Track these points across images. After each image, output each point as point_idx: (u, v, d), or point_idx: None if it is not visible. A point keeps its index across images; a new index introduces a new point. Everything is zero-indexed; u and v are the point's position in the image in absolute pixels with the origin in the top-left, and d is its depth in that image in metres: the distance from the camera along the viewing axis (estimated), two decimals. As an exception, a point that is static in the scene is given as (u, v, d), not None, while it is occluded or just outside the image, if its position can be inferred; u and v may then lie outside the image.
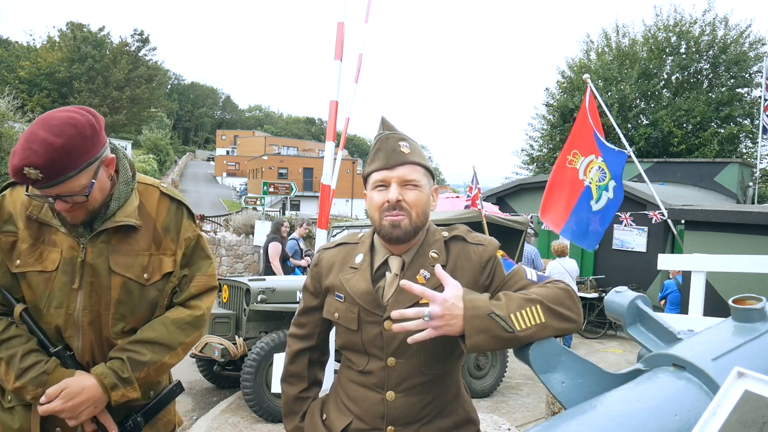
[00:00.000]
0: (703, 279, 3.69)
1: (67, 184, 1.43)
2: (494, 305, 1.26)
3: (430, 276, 1.46)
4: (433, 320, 1.24)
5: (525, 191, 12.54)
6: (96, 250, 1.56)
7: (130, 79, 30.36)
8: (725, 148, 16.23)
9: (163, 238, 1.66)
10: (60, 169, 1.39)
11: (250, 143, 64.54)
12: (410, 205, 1.44)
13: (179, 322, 1.65)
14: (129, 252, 1.60)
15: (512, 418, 5.35)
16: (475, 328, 1.23)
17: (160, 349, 1.61)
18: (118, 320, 1.59)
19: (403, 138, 1.51)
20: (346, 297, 1.51)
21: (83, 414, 1.52)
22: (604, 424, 0.80)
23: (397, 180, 1.45)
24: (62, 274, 1.54)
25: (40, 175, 1.37)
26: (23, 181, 1.42)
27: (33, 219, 1.56)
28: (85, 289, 1.55)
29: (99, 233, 1.56)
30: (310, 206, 34.42)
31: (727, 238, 5.56)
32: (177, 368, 1.77)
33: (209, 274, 1.75)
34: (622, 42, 18.52)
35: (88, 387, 1.52)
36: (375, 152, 1.51)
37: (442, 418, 1.49)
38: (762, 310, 0.97)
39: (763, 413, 0.66)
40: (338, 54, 3.11)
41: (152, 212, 1.67)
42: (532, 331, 1.23)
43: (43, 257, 1.54)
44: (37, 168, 1.36)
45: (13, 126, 11.62)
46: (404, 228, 1.43)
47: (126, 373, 1.55)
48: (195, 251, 1.73)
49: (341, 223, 8.28)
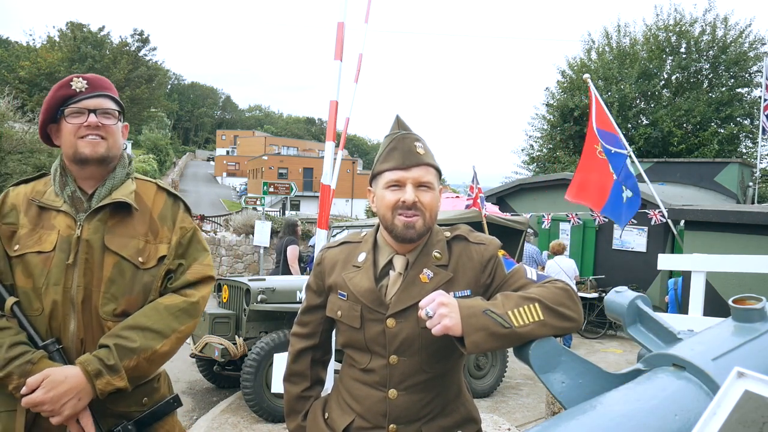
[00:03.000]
0: (703, 279, 3.69)
1: (105, 101, 1.64)
2: (490, 304, 1.28)
3: (433, 275, 1.47)
4: (435, 313, 1.25)
5: (525, 191, 12.54)
6: (92, 227, 1.60)
7: (130, 79, 30.36)
8: (725, 148, 16.22)
9: (159, 227, 1.69)
10: (102, 86, 1.66)
11: (250, 143, 64.55)
12: (425, 206, 1.46)
13: (173, 308, 1.62)
14: (124, 234, 1.63)
15: (512, 418, 5.35)
16: (473, 326, 1.23)
17: (152, 336, 1.56)
18: (109, 300, 1.58)
19: (419, 139, 1.52)
20: (349, 295, 1.52)
21: (66, 407, 1.45)
22: (604, 424, 0.80)
23: (413, 181, 1.46)
24: (59, 252, 1.56)
25: (86, 85, 1.62)
26: (66, 94, 1.60)
27: (35, 204, 1.62)
28: (80, 266, 1.56)
29: (96, 211, 1.61)
30: (310, 206, 34.41)
31: (727, 238, 5.55)
32: (177, 368, 1.76)
33: (206, 264, 1.75)
34: (623, 41, 18.52)
35: (71, 375, 1.47)
36: (390, 151, 1.50)
37: (444, 416, 1.50)
38: (762, 310, 0.97)
39: (763, 413, 0.66)
40: (338, 54, 3.11)
41: (149, 202, 1.72)
42: (530, 327, 1.24)
43: (42, 240, 1.58)
44: (85, 79, 1.63)
45: (13, 126, 11.61)
46: (418, 229, 1.45)
47: (112, 360, 1.50)
48: (191, 242, 1.74)
49: (341, 223, 8.27)
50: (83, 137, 1.60)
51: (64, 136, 1.63)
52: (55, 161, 1.70)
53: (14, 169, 10.77)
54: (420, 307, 1.28)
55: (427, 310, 1.26)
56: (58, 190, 1.64)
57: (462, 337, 1.24)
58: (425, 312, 1.26)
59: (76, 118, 1.61)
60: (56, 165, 1.68)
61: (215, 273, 1.82)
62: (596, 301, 9.74)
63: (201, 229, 15.59)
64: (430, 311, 1.25)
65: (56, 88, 1.63)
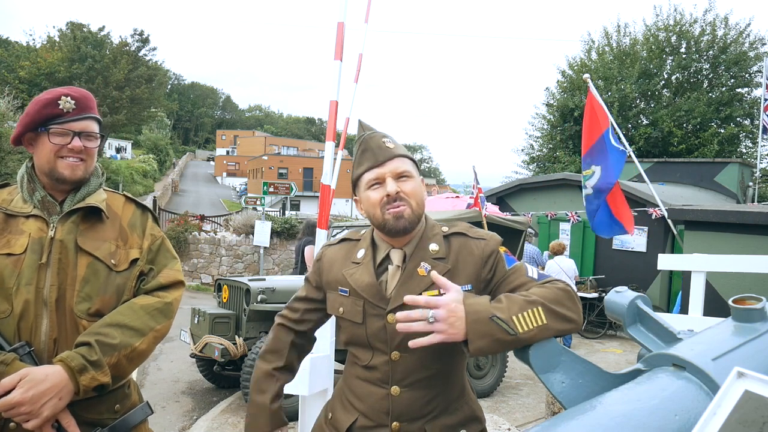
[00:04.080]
0: (703, 279, 3.69)
1: (91, 123, 1.64)
2: (495, 308, 1.26)
3: (430, 268, 1.47)
4: (437, 322, 1.23)
5: (525, 191, 12.54)
6: (65, 228, 1.60)
7: (130, 79, 30.29)
8: (725, 148, 16.23)
9: (129, 234, 1.71)
10: (89, 106, 1.64)
11: (250, 143, 64.54)
12: (408, 194, 1.48)
13: (148, 308, 1.63)
14: (96, 237, 1.64)
15: (512, 418, 5.35)
16: (478, 333, 1.23)
17: (131, 333, 1.55)
18: (83, 299, 1.57)
19: (386, 135, 1.55)
20: (350, 291, 1.53)
21: (46, 407, 1.38)
22: (604, 424, 0.80)
23: (391, 174, 1.49)
24: (31, 253, 1.54)
25: (74, 105, 1.59)
26: (52, 113, 1.57)
27: (1, 211, 1.60)
28: (53, 266, 1.55)
29: (69, 214, 1.62)
30: (310, 206, 34.42)
31: (727, 238, 5.55)
32: (177, 368, 1.76)
33: (176, 269, 1.77)
34: (623, 41, 18.53)
35: (52, 373, 1.41)
36: (361, 153, 1.54)
37: (448, 414, 1.50)
38: (762, 310, 0.97)
39: (763, 413, 0.66)
40: (338, 54, 3.10)
41: (118, 211, 1.74)
42: (534, 332, 1.24)
43: (11, 243, 1.55)
44: (73, 99, 1.59)
45: (12, 126, 11.62)
46: (408, 217, 1.47)
47: (95, 356, 1.46)
48: (160, 250, 1.77)
49: (341, 223, 8.27)
50: (63, 157, 1.60)
51: (42, 151, 1.61)
52: (21, 169, 1.68)
53: (14, 168, 10.77)
54: (424, 303, 1.25)
55: (429, 314, 1.23)
56: (27, 197, 1.63)
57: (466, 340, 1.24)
58: (427, 316, 1.23)
59: (60, 138, 1.59)
60: (23, 173, 1.66)
61: (183, 277, 1.82)
62: (596, 301, 9.74)
63: (201, 229, 15.60)
64: (431, 318, 1.22)
65: (43, 104, 1.59)
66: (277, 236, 14.83)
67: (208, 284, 14.16)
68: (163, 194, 31.58)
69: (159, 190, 32.56)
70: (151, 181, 37.19)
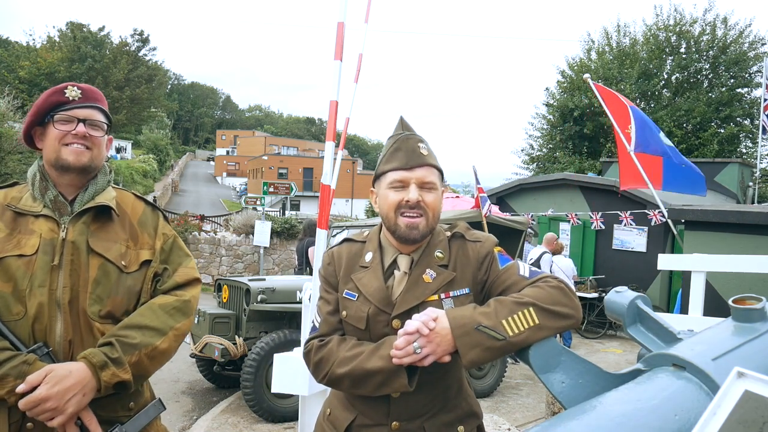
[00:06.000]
0: (703, 279, 3.70)
1: (96, 112, 1.66)
2: (481, 315, 1.28)
3: (435, 275, 1.49)
4: (423, 348, 1.28)
5: (525, 191, 12.54)
6: (77, 229, 1.60)
7: (130, 79, 30.32)
8: (725, 148, 16.23)
9: (139, 233, 1.71)
10: (95, 98, 1.69)
11: (250, 143, 64.54)
12: (428, 206, 1.48)
13: (166, 306, 1.63)
14: (107, 238, 1.64)
15: (512, 418, 5.35)
16: (468, 345, 1.25)
17: (151, 333, 1.57)
18: (95, 301, 1.57)
19: (422, 140, 1.54)
20: (359, 295, 1.52)
21: (71, 403, 1.40)
22: (604, 424, 0.80)
23: (417, 181, 1.48)
24: (43, 254, 1.54)
25: (79, 94, 1.64)
26: (58, 100, 1.61)
27: (11, 209, 1.59)
28: (66, 267, 1.55)
29: (80, 214, 1.62)
30: (310, 206, 34.41)
31: (727, 238, 5.55)
32: (177, 368, 1.76)
33: (191, 267, 1.77)
34: (623, 41, 18.53)
35: (76, 369, 1.43)
36: (393, 151, 1.52)
37: (446, 412, 1.51)
38: (762, 310, 0.97)
39: (763, 413, 0.66)
40: (338, 54, 3.10)
41: (128, 209, 1.74)
42: (526, 334, 1.25)
43: (22, 244, 1.55)
44: (79, 89, 1.65)
45: (13, 126, 11.60)
46: (421, 230, 1.47)
47: (116, 354, 1.48)
48: (173, 249, 1.76)
49: (341, 223, 8.27)
50: (68, 144, 1.61)
51: (48, 140, 1.63)
52: (32, 166, 1.68)
53: (14, 169, 10.78)
54: (409, 332, 1.29)
55: (414, 346, 1.28)
56: (38, 195, 1.63)
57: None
58: (413, 348, 1.28)
59: (64, 125, 1.61)
60: (34, 170, 1.67)
61: (200, 275, 1.83)
62: (596, 301, 9.74)
63: (201, 229, 15.60)
64: (418, 348, 1.28)
65: (49, 93, 1.64)
66: (277, 236, 14.83)
67: (208, 284, 14.15)
68: (163, 194, 31.58)
69: (159, 190, 32.56)
70: (151, 181, 37.16)
